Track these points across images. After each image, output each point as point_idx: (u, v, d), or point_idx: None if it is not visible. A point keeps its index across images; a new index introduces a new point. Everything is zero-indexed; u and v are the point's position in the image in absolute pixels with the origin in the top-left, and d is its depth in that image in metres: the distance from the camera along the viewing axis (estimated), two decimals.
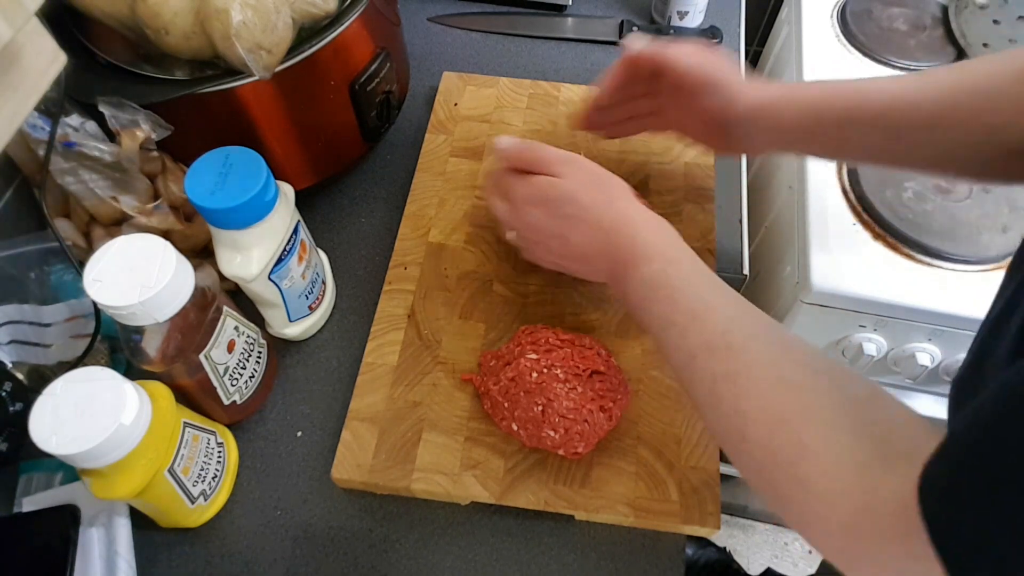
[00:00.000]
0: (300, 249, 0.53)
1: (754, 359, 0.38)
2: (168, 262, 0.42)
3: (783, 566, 1.33)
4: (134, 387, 0.42)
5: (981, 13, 0.91)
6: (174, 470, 0.45)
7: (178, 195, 0.56)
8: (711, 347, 0.40)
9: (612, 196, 0.48)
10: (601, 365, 0.52)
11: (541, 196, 0.49)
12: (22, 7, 0.28)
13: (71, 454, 0.39)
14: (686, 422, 0.54)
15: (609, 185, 0.49)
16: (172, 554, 0.51)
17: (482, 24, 0.84)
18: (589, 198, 0.48)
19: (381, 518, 0.52)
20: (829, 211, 0.78)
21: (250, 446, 0.55)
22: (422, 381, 0.55)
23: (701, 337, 0.41)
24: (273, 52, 0.50)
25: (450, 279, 0.61)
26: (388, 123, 0.67)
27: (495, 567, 0.50)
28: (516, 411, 0.51)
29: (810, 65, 0.89)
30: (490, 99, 0.72)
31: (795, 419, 0.35)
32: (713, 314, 0.41)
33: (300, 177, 0.61)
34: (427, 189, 0.66)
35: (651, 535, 0.51)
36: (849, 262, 0.74)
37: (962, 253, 0.73)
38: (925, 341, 0.77)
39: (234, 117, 0.54)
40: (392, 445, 0.52)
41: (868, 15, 0.94)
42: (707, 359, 0.40)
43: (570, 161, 0.50)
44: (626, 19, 0.83)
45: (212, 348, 0.48)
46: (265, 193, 0.47)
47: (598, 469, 0.52)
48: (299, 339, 0.60)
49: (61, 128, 0.51)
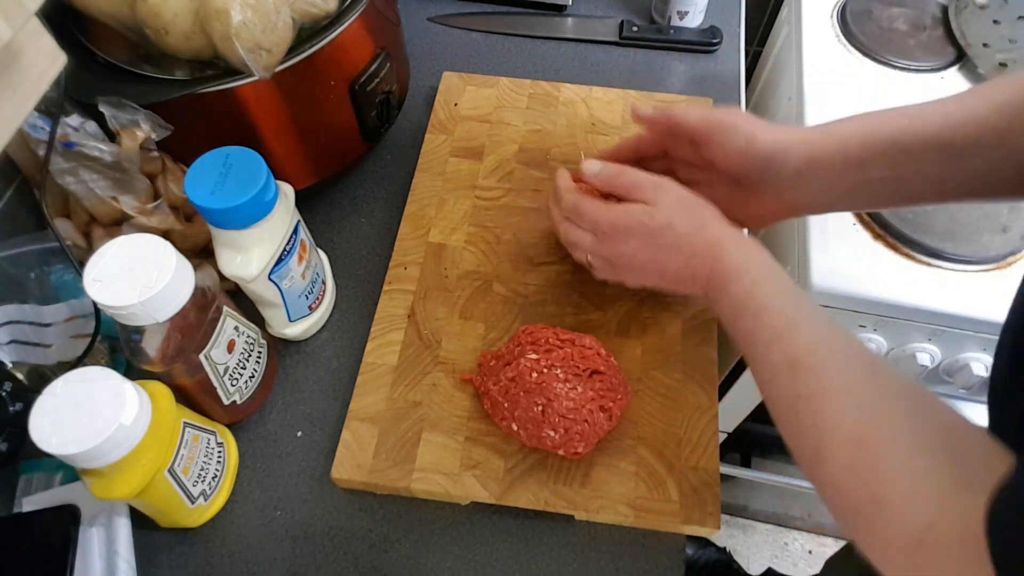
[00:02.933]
0: (300, 249, 0.53)
1: (835, 379, 0.39)
2: (168, 262, 0.42)
3: (783, 566, 1.33)
4: (134, 387, 0.42)
5: (981, 13, 0.91)
6: (174, 470, 0.45)
7: (178, 195, 0.56)
8: (793, 365, 0.40)
9: (705, 220, 0.48)
10: (601, 365, 0.52)
11: (639, 227, 0.49)
12: (22, 7, 0.28)
13: (71, 454, 0.39)
14: (686, 422, 0.54)
15: (702, 209, 0.49)
16: (172, 554, 0.51)
17: (482, 24, 0.84)
18: (685, 226, 0.48)
19: (381, 518, 0.52)
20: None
21: (250, 446, 0.55)
22: (422, 381, 0.55)
23: (784, 354, 0.41)
24: (273, 52, 0.50)
25: (450, 279, 0.61)
26: (388, 123, 0.67)
27: (495, 567, 0.50)
28: (516, 411, 0.51)
29: (810, 65, 0.89)
30: (490, 99, 0.72)
31: (874, 441, 0.36)
32: (797, 332, 0.41)
33: (300, 177, 0.61)
34: (427, 189, 0.66)
35: (651, 535, 0.51)
36: (849, 262, 0.74)
37: (962, 253, 0.73)
38: (925, 341, 0.77)
39: (234, 117, 0.54)
40: (392, 445, 0.52)
41: (868, 15, 0.94)
42: (789, 376, 0.40)
43: (662, 187, 0.49)
44: (626, 19, 0.83)
45: (212, 348, 0.48)
46: (265, 193, 0.47)
47: (598, 469, 0.52)
48: (299, 339, 0.60)
49: (61, 128, 0.51)
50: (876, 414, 0.36)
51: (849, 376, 0.38)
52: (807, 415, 0.39)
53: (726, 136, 0.50)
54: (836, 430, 0.37)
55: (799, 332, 0.41)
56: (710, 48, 0.82)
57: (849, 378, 0.38)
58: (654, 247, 0.49)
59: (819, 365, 0.39)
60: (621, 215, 0.49)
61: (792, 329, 0.41)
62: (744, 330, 0.44)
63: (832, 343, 0.40)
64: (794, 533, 1.37)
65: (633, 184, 0.50)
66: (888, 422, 0.36)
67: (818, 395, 0.38)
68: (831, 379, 0.39)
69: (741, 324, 0.44)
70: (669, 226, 0.48)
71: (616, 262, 0.51)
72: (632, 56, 0.82)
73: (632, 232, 0.49)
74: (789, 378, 0.40)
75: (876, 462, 0.35)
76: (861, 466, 0.35)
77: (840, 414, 0.37)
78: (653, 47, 0.82)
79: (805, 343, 0.41)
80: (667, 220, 0.48)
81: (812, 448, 0.38)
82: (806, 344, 0.40)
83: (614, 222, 0.50)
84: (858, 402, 0.37)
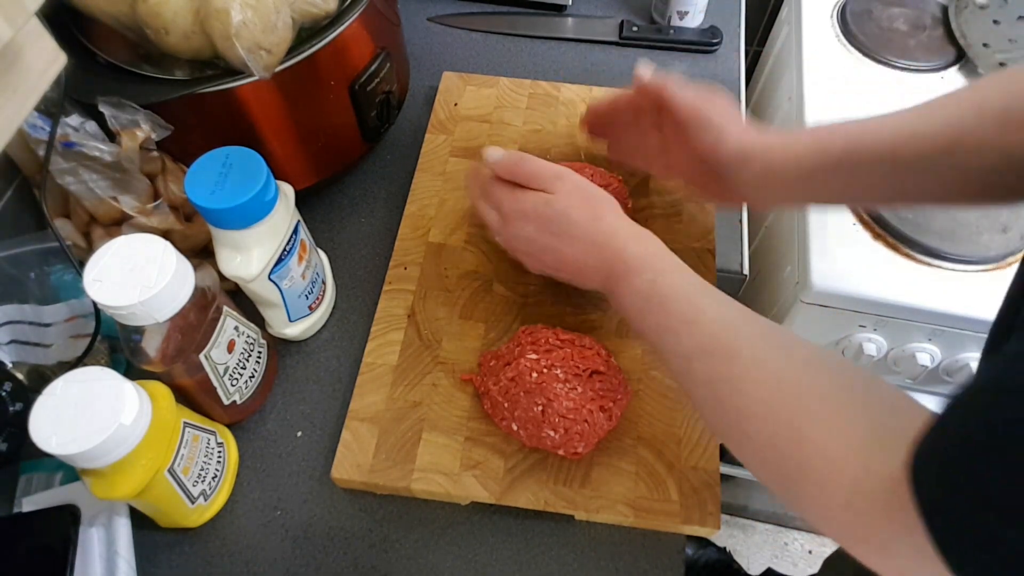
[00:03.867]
0: (300, 249, 0.53)
1: (748, 358, 0.39)
2: (168, 262, 0.42)
3: (783, 566, 1.33)
4: (134, 387, 0.42)
5: (981, 13, 0.91)
6: (174, 470, 0.45)
7: (178, 195, 0.56)
8: (706, 350, 0.41)
9: (602, 212, 0.49)
10: (601, 365, 0.52)
11: (534, 213, 0.50)
12: (22, 7, 0.28)
13: (71, 454, 0.39)
14: (686, 422, 0.54)
15: (599, 200, 0.50)
16: (172, 554, 0.51)
17: (482, 24, 0.84)
18: (580, 215, 0.49)
19: (381, 518, 0.52)
20: (829, 211, 0.78)
21: (250, 446, 0.55)
22: (422, 381, 0.55)
23: (695, 341, 0.42)
24: (273, 52, 0.50)
25: (450, 279, 0.61)
26: (388, 123, 0.67)
27: (495, 567, 0.50)
28: (516, 411, 0.51)
29: (810, 65, 0.89)
30: (490, 99, 0.72)
31: (792, 410, 0.36)
32: (705, 318, 0.42)
33: (300, 177, 0.61)
34: (427, 189, 0.66)
35: (651, 535, 0.51)
36: (849, 262, 0.74)
37: (962, 253, 0.73)
38: (925, 341, 0.77)
39: (234, 117, 0.54)
40: (392, 445, 0.52)
41: (868, 15, 0.94)
42: (703, 362, 0.41)
43: (561, 177, 0.50)
44: (626, 19, 0.83)
45: (212, 348, 0.48)
46: (265, 193, 0.47)
47: (598, 469, 0.52)
48: (299, 339, 0.60)
49: (61, 128, 0.51)
50: (791, 385, 0.37)
51: (762, 352, 0.39)
52: (726, 396, 0.39)
53: (698, 129, 0.52)
54: (755, 406, 0.38)
55: (707, 317, 0.42)
56: (710, 48, 0.82)
57: (762, 354, 0.39)
58: (550, 234, 0.49)
59: (731, 346, 0.40)
60: (519, 200, 0.51)
61: (700, 315, 0.42)
62: (652, 323, 0.45)
63: (740, 322, 0.41)
64: (794, 533, 1.37)
65: (532, 172, 0.51)
66: (805, 391, 0.37)
67: (734, 376, 0.39)
68: (744, 358, 0.39)
69: (648, 317, 0.45)
70: (564, 214, 0.49)
71: (516, 246, 0.52)
72: (632, 56, 0.82)
73: (529, 217, 0.50)
74: (703, 363, 0.41)
75: (796, 431, 0.36)
76: (783, 438, 0.36)
77: (758, 391, 0.38)
78: (653, 47, 0.82)
79: (714, 327, 0.41)
80: (563, 208, 0.49)
81: (736, 428, 0.39)
82: (716, 328, 0.41)
83: (513, 206, 0.51)
84: (772, 376, 0.38)
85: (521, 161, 0.52)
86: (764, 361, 0.39)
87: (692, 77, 0.80)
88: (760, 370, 0.39)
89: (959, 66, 0.89)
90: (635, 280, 0.46)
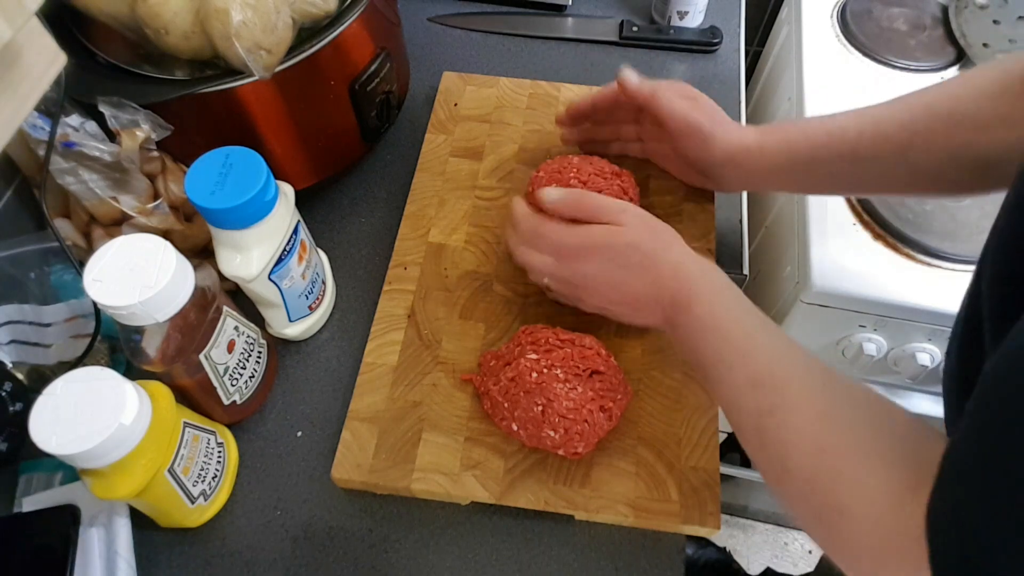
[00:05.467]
0: (300, 249, 0.53)
1: (796, 393, 0.40)
2: (168, 262, 0.42)
3: (783, 566, 1.33)
4: (134, 387, 0.42)
5: (981, 13, 0.91)
6: (174, 470, 0.46)
7: (178, 195, 0.56)
8: (756, 382, 0.41)
9: (670, 242, 0.50)
10: (601, 365, 0.52)
11: (604, 245, 0.50)
12: (22, 7, 0.28)
13: (71, 454, 0.39)
14: (686, 422, 0.54)
15: (664, 230, 0.50)
16: (172, 554, 0.51)
17: (482, 24, 0.84)
18: (650, 245, 0.49)
19: (381, 518, 0.52)
20: (829, 211, 0.78)
21: (250, 446, 0.55)
22: (422, 381, 0.55)
23: (747, 373, 0.42)
24: (273, 52, 0.50)
25: (450, 279, 0.61)
26: (388, 123, 0.67)
27: (495, 567, 0.50)
28: (516, 411, 0.51)
29: (810, 65, 0.89)
30: (490, 99, 0.72)
31: (835, 450, 0.37)
32: (758, 351, 0.43)
33: (300, 177, 0.61)
34: (427, 189, 0.66)
35: (651, 535, 0.51)
36: (849, 262, 0.74)
37: (962, 253, 0.73)
38: (925, 341, 0.77)
39: (234, 117, 0.54)
40: (392, 445, 0.52)
41: (868, 15, 0.94)
42: (752, 394, 0.41)
43: (626, 210, 0.51)
44: (626, 19, 0.83)
45: (212, 348, 0.48)
46: (265, 193, 0.47)
47: (598, 469, 0.52)
48: (299, 339, 0.60)
49: (61, 128, 0.51)
50: (835, 424, 0.38)
51: (809, 389, 0.40)
52: (771, 430, 0.40)
53: (687, 138, 0.58)
54: (799, 442, 0.38)
55: (761, 350, 0.43)
56: (710, 48, 0.82)
57: (809, 391, 0.40)
58: (618, 267, 0.49)
59: (780, 380, 0.41)
60: (585, 235, 0.50)
61: (756, 347, 0.43)
62: (707, 352, 0.45)
63: (791, 358, 0.42)
64: (794, 533, 1.37)
65: (598, 207, 0.51)
66: (846, 431, 0.37)
67: (781, 409, 0.40)
68: (792, 393, 0.40)
69: (706, 348, 0.45)
70: (634, 245, 0.49)
71: (576, 283, 0.52)
72: (632, 56, 0.82)
73: (597, 251, 0.50)
74: (753, 395, 0.41)
75: (837, 471, 0.36)
76: (823, 476, 0.37)
77: (802, 426, 0.39)
78: (653, 47, 0.82)
79: (767, 360, 0.42)
80: (632, 239, 0.49)
81: (778, 462, 0.40)
82: (768, 361, 0.42)
83: (576, 241, 0.51)
84: (818, 414, 0.38)
85: (584, 196, 0.52)
86: (811, 396, 0.39)
87: (692, 77, 0.80)
88: (807, 406, 0.39)
89: (959, 66, 0.89)
90: (697, 310, 0.46)
